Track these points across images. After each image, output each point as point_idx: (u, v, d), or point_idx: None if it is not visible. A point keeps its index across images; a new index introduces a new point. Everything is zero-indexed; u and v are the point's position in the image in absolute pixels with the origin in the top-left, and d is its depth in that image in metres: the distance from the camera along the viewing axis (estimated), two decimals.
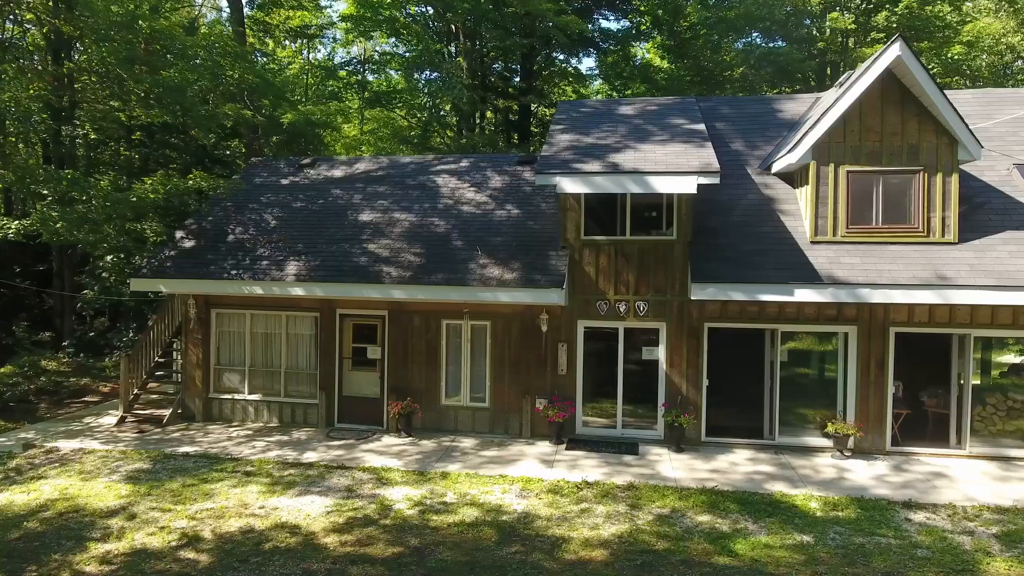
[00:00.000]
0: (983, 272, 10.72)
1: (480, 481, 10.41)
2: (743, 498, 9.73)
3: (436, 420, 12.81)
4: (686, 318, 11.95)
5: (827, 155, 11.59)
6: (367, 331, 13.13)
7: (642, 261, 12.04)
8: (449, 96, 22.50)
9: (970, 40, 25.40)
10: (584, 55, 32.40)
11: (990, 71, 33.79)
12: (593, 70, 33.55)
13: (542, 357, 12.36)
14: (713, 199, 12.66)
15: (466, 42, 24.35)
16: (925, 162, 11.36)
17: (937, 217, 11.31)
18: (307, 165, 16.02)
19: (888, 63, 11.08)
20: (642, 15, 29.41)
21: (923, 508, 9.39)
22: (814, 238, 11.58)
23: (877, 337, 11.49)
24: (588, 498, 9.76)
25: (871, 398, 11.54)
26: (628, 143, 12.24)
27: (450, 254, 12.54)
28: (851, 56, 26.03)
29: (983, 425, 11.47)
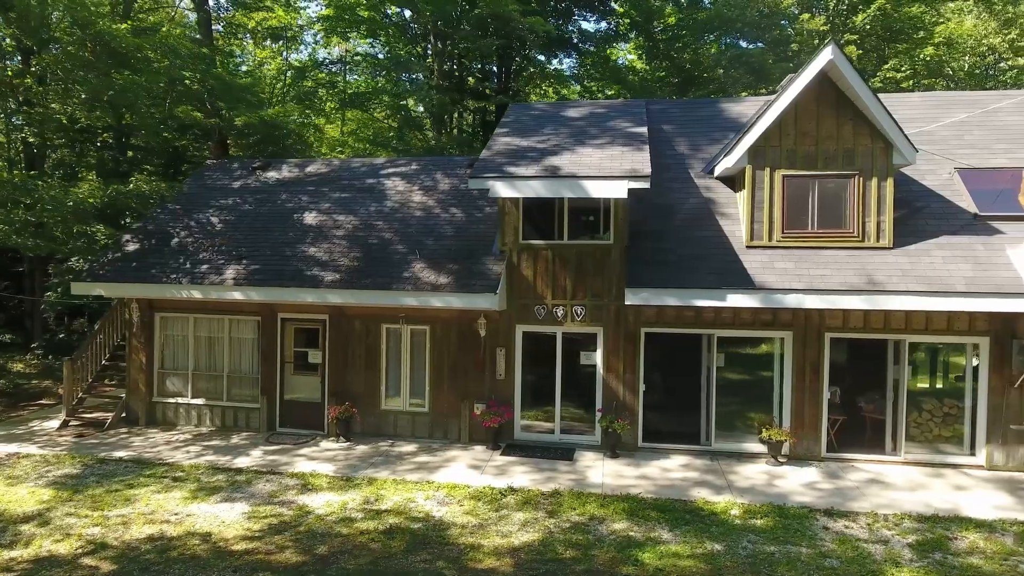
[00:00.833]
0: (915, 278, 10.64)
1: (406, 487, 10.35)
2: (665, 505, 9.66)
3: (376, 425, 12.76)
4: (623, 323, 11.88)
5: (763, 159, 11.52)
6: (309, 335, 13.08)
7: (580, 265, 11.98)
8: (416, 97, 22.41)
9: (942, 41, 25.19)
10: (565, 56, 32.37)
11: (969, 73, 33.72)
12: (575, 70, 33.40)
13: (480, 362, 12.30)
14: (655, 203, 12.59)
15: (436, 43, 24.27)
16: (860, 166, 11.28)
17: (872, 222, 11.22)
18: (260, 168, 15.98)
19: (821, 67, 11.01)
20: (619, 17, 29.33)
21: (845, 516, 9.31)
22: (750, 243, 11.50)
23: (812, 342, 11.41)
24: (509, 505, 9.70)
25: (806, 404, 11.47)
26: (567, 147, 12.18)
27: (389, 258, 12.49)
28: None
29: (920, 431, 11.39)
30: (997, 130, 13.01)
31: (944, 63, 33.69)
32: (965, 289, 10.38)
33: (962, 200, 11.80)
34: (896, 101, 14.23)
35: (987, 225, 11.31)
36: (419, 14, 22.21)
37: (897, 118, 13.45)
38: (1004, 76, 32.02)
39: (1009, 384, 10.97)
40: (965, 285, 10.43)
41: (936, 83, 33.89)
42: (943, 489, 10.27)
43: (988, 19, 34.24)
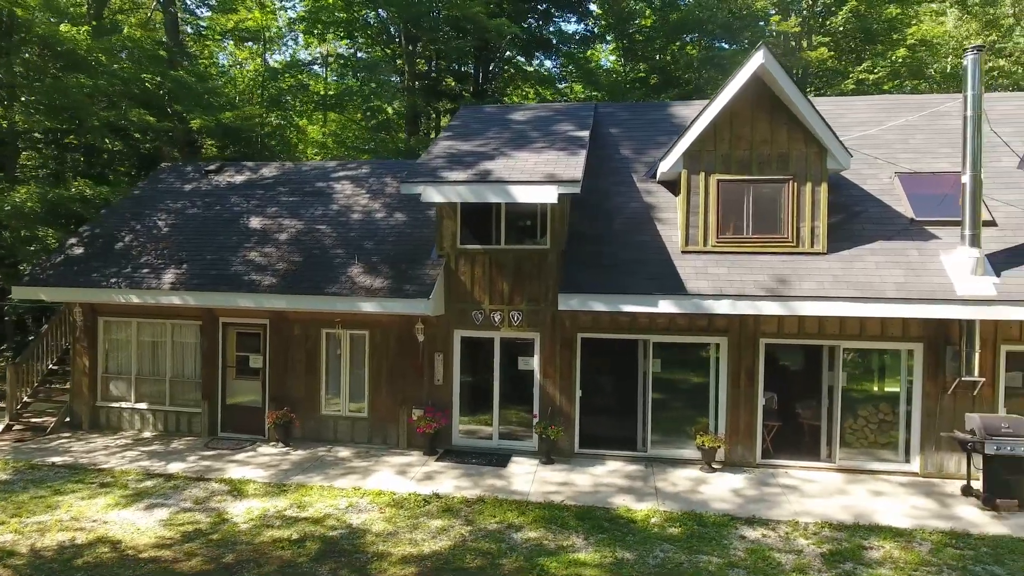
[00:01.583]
0: (846, 284, 10.56)
1: (332, 494, 10.30)
2: (586, 513, 9.60)
3: (316, 430, 12.72)
4: (559, 328, 11.82)
5: (698, 164, 11.45)
6: (251, 339, 13.04)
7: (517, 270, 11.92)
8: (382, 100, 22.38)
9: (915, 43, 25.07)
10: (546, 57, 32.27)
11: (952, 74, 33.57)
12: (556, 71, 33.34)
13: (419, 367, 12.25)
14: (597, 207, 12.53)
15: (408, 45, 24.21)
16: (795, 171, 11.21)
17: (806, 227, 11.15)
18: (214, 171, 15.94)
19: (753, 71, 10.94)
20: (596, 19, 29.26)
21: (764, 524, 9.24)
22: (685, 248, 11.43)
23: (747, 348, 11.34)
24: (430, 512, 9.65)
25: (741, 410, 11.40)
26: (506, 151, 12.12)
27: (328, 263, 12.44)
28: (799, 60, 25.82)
29: (855, 438, 11.32)
30: (942, 134, 12.92)
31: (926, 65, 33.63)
32: (895, 295, 10.31)
33: (901, 205, 11.71)
34: (842, 105, 14.18)
35: (923, 230, 11.23)
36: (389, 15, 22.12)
37: (845, 122, 13.47)
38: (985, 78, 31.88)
39: (942, 390, 10.90)
40: (895, 291, 10.35)
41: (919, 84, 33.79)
42: (871, 497, 10.19)
43: (969, 20, 34.16)
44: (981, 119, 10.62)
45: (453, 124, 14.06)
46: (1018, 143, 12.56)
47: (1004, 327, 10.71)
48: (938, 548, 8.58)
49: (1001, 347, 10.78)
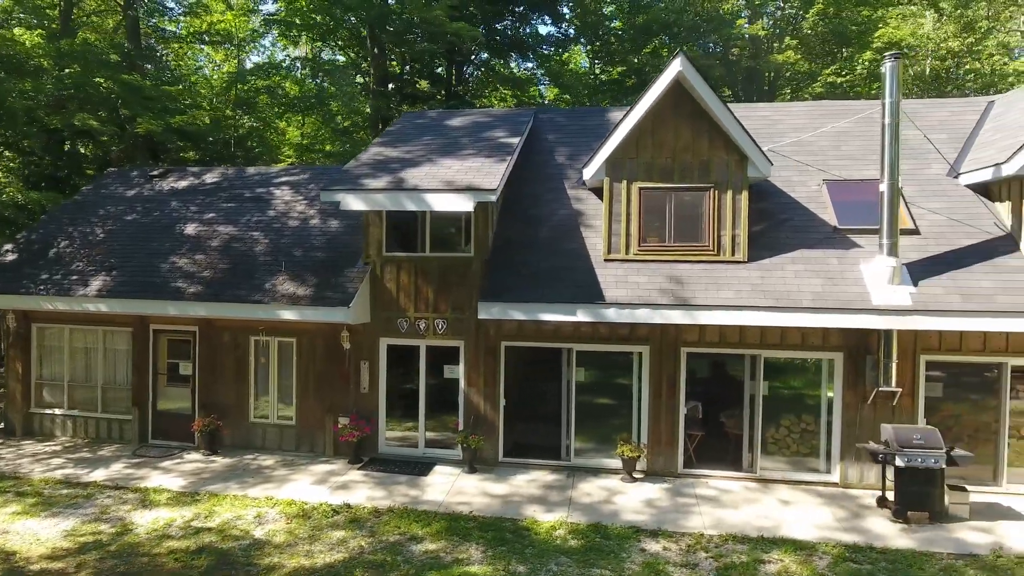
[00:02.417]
0: (764, 293, 10.49)
1: (243, 503, 10.25)
2: (492, 524, 9.54)
3: (245, 437, 12.67)
4: (483, 336, 11.75)
5: (620, 171, 11.38)
6: (181, 347, 12.99)
7: (441, 278, 11.85)
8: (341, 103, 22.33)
9: (881, 46, 24.94)
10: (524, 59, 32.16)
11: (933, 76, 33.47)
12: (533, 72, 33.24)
13: (345, 375, 12.19)
14: (526, 213, 12.47)
15: (372, 48, 24.15)
16: (716, 179, 11.13)
17: (727, 235, 11.07)
18: (158, 176, 15.91)
19: (671, 78, 10.86)
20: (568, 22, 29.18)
21: (669, 537, 9.17)
22: (608, 256, 11.36)
23: (669, 357, 11.26)
24: (337, 523, 9.60)
25: (663, 419, 11.32)
26: (433, 158, 12.06)
27: (256, 270, 12.39)
28: (768, 63, 25.72)
29: (777, 447, 11.23)
30: (875, 140, 12.79)
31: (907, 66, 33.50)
32: (811, 305, 10.23)
33: (826, 212, 11.63)
34: (781, 111, 14.10)
35: (846, 239, 11.14)
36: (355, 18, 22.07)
37: (781, 128, 13.40)
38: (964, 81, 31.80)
39: (862, 400, 10.81)
40: (812, 300, 10.27)
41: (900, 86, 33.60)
42: (785, 508, 10.11)
43: (947, 22, 34.06)
44: (899, 126, 10.53)
45: (389, 130, 14.01)
46: (950, 150, 12.47)
47: (924, 337, 10.62)
48: (836, 562, 8.51)
49: (921, 357, 10.69)
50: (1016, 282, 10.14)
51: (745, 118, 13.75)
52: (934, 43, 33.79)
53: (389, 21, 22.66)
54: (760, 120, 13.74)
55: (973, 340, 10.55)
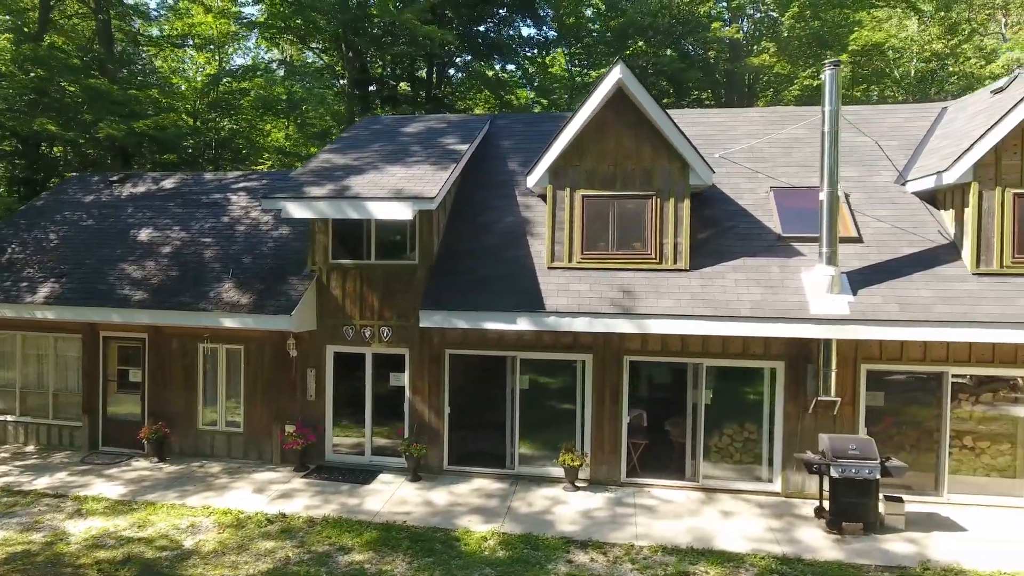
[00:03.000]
0: (703, 301, 10.44)
1: (179, 512, 10.22)
2: (424, 535, 9.50)
3: (193, 445, 12.65)
4: (428, 344, 11.72)
5: (563, 179, 11.33)
6: (131, 353, 12.97)
7: (387, 286, 11.82)
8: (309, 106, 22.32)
9: (856, 49, 24.87)
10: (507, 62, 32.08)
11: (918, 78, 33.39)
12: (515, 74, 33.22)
13: (292, 382, 12.16)
14: (473, 220, 12.43)
15: (347, 51, 24.13)
16: (658, 187, 11.08)
17: (669, 244, 11.02)
18: (117, 181, 15.89)
19: (610, 87, 10.82)
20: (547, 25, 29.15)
21: (599, 548, 9.12)
22: (551, 264, 11.32)
23: (612, 366, 11.22)
24: (269, 533, 9.57)
25: (606, 428, 11.28)
26: (379, 165, 12.03)
27: (204, 277, 12.37)
28: (745, 66, 25.64)
29: (720, 456, 11.18)
30: None
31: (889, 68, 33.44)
32: (750, 314, 10.18)
33: (772, 220, 11.58)
34: (735, 116, 14.04)
35: (789, 247, 11.09)
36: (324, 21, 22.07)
37: (735, 134, 13.36)
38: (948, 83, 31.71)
39: (803, 410, 10.76)
40: (750, 310, 10.23)
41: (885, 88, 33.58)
42: (722, 518, 10.07)
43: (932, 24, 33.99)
44: (838, 134, 10.47)
45: (343, 136, 13.98)
46: (900, 157, 12.41)
47: (864, 346, 10.57)
48: (762, 574, 8.47)
49: (862, 366, 10.64)
50: (955, 291, 10.08)
51: (699, 124, 13.79)
52: (919, 45, 33.76)
53: (361, 25, 22.63)
54: (714, 126, 13.70)
55: (913, 349, 10.49)
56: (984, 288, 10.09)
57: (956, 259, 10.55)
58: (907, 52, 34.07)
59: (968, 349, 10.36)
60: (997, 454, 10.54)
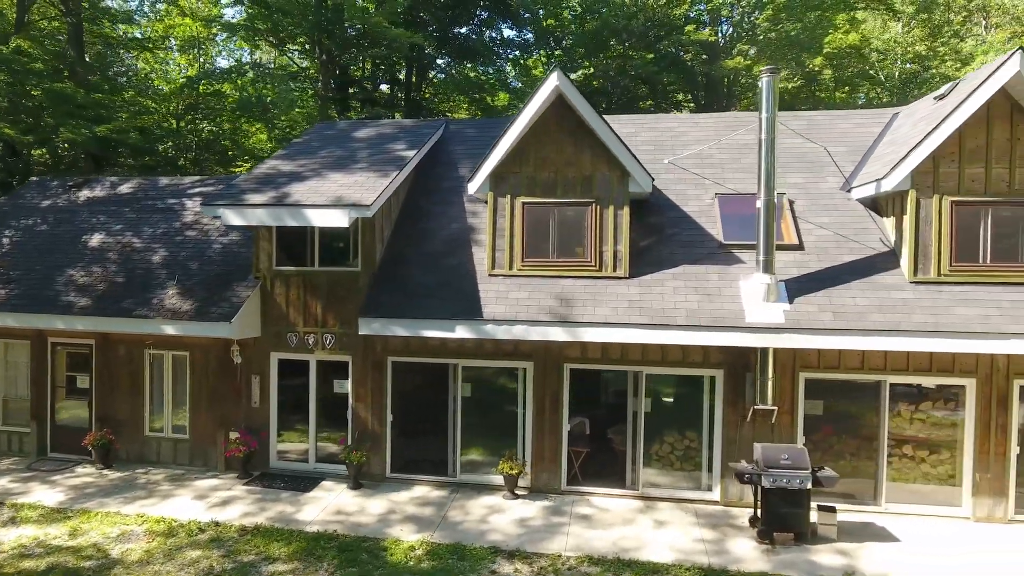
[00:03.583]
0: (640, 309, 10.39)
1: (113, 520, 10.20)
2: (352, 544, 9.46)
3: (140, 451, 12.63)
4: (370, 351, 11.68)
5: (504, 185, 11.29)
6: (80, 359, 12.95)
7: (330, 293, 11.78)
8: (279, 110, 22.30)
9: (830, 52, 24.79)
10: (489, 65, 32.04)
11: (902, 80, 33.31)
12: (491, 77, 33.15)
13: (237, 389, 12.14)
14: (420, 226, 12.39)
15: (320, 54, 24.09)
16: (598, 194, 11.03)
17: (609, 251, 10.97)
18: (75, 186, 15.87)
19: (547, 94, 10.77)
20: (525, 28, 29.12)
21: (525, 558, 9.08)
22: (492, 271, 11.27)
23: (552, 373, 11.18)
24: (198, 542, 9.54)
25: (547, 436, 11.24)
26: (323, 171, 12.00)
27: (149, 283, 12.35)
28: (720, 69, 25.55)
29: (661, 464, 11.14)
30: (779, 152, 12.65)
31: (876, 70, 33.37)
32: (685, 322, 10.13)
33: (715, 227, 11.52)
34: (687, 122, 13.99)
35: (730, 254, 11.04)
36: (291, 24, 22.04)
37: (686, 140, 13.33)
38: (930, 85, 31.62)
39: (742, 418, 10.71)
40: (686, 318, 10.17)
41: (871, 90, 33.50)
42: (656, 527, 10.02)
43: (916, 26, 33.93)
44: (774, 142, 10.41)
45: (295, 141, 13.95)
46: (849, 163, 12.35)
47: (802, 354, 10.52)
48: None
49: (800, 374, 10.59)
50: (891, 300, 10.03)
51: (652, 129, 13.75)
52: (903, 47, 33.69)
53: (333, 28, 22.59)
54: (666, 131, 13.65)
55: (851, 358, 10.44)
56: (920, 297, 10.03)
57: (895, 267, 10.50)
58: (891, 54, 34.03)
59: (906, 358, 10.31)
60: (937, 463, 10.49)
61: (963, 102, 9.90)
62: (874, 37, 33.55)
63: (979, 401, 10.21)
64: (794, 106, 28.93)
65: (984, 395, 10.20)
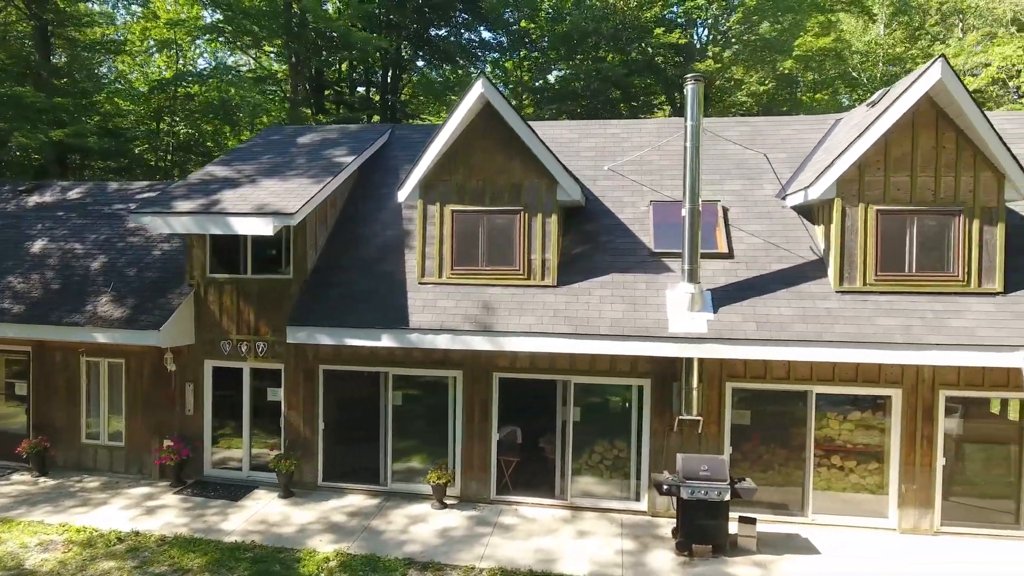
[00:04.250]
0: (565, 318, 10.32)
1: (34, 530, 10.15)
2: (267, 556, 9.41)
3: (77, 459, 12.59)
4: (302, 359, 11.63)
5: (433, 193, 11.23)
6: (20, 366, 12.92)
7: (262, 300, 11.73)
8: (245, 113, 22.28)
9: (800, 55, 24.69)
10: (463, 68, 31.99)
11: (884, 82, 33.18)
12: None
13: (171, 397, 12.10)
14: (356, 233, 12.34)
15: (290, 56, 24.06)
16: (526, 202, 10.97)
17: (538, 259, 10.91)
18: (27, 191, 15.83)
19: (473, 101, 10.70)
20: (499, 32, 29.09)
21: (438, 569, 9.03)
22: (422, 279, 11.21)
23: (481, 382, 11.12)
24: (114, 553, 9.49)
25: (476, 445, 11.19)
26: (258, 178, 11.95)
27: (85, 290, 12.31)
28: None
29: (591, 474, 11.07)
30: (716, 159, 12.61)
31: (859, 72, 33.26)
32: (609, 331, 10.06)
33: (647, 235, 11.45)
34: (629, 127, 13.89)
35: (660, 262, 10.96)
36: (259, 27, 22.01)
37: (627, 146, 13.24)
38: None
39: (669, 428, 10.64)
40: (610, 327, 10.11)
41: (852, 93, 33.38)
42: (577, 538, 9.96)
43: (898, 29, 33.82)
44: (699, 150, 10.33)
45: (238, 147, 13.91)
46: (787, 170, 12.27)
47: (729, 364, 10.44)
48: None
49: (727, 384, 10.52)
50: (815, 309, 9.95)
51: (596, 135, 13.69)
52: (883, 49, 33.57)
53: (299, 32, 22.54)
54: (610, 137, 13.57)
55: (777, 368, 10.36)
56: (844, 306, 9.95)
57: (823, 276, 10.42)
58: (872, 56, 33.91)
59: (832, 368, 10.23)
60: (864, 474, 10.41)
61: (886, 110, 9.82)
62: (855, 39, 33.48)
63: (905, 412, 10.13)
64: (772, 109, 28.92)
65: (910, 406, 10.12)
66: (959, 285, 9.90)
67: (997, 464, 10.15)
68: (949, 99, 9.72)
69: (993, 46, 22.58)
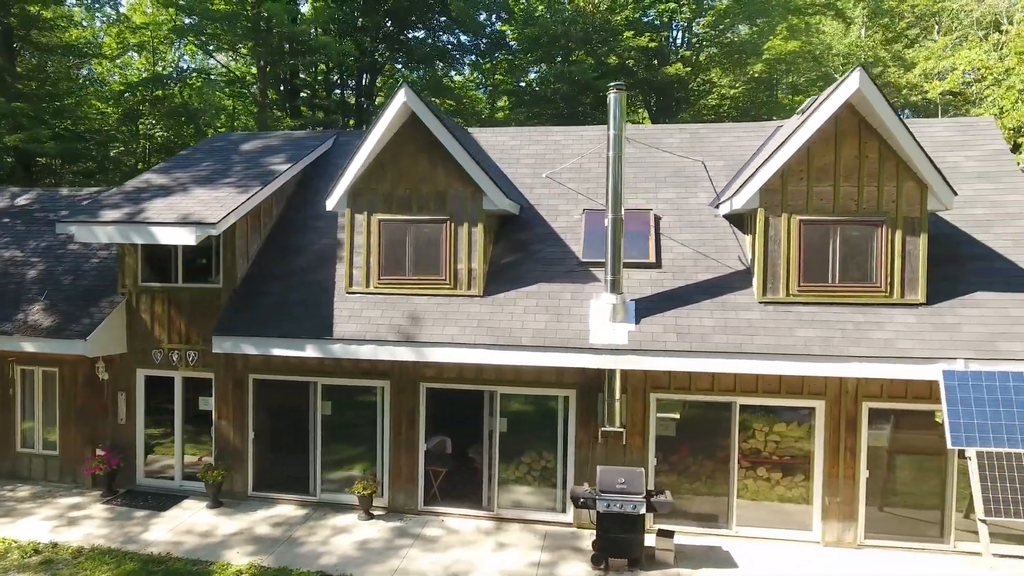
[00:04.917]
0: (488, 329, 10.25)
1: None
2: (181, 569, 9.36)
3: (12, 468, 12.55)
4: (232, 368, 11.58)
5: (361, 202, 11.15)
6: None
7: (193, 309, 11.68)
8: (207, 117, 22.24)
9: (771, 58, 24.57)
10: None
11: None
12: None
13: (104, 405, 12.06)
14: (289, 242, 12.28)
15: (259, 61, 24.02)
16: (452, 211, 10.89)
17: (464, 268, 10.83)
18: None
19: (396, 109, 10.63)
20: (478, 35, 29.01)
21: None
22: (349, 289, 11.15)
23: (408, 392, 11.06)
24: (28, 565, 9.45)
25: (403, 455, 11.12)
26: (191, 186, 11.89)
27: (18, 298, 12.27)
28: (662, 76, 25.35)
29: (518, 485, 10.99)
30: (655, 167, 12.54)
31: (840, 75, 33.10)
32: (531, 342, 9.99)
33: (578, 244, 11.36)
34: (572, 134, 13.80)
35: (587, 272, 10.88)
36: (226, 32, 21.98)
37: (567, 153, 13.16)
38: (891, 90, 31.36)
39: (594, 439, 10.56)
40: (532, 338, 10.03)
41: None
42: (493, 549, 9.89)
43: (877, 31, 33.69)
44: (621, 159, 10.26)
45: (181, 154, 13.85)
46: (724, 178, 12.18)
47: (653, 375, 10.36)
48: None
49: (651, 395, 10.43)
50: (737, 320, 9.86)
51: (538, 142, 13.63)
52: (864, 51, 33.43)
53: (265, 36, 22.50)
54: (551, 144, 13.49)
55: (701, 379, 10.27)
56: (766, 317, 9.86)
57: (748, 287, 10.33)
58: (853, 58, 33.77)
59: (755, 380, 10.14)
60: (790, 486, 10.31)
61: (807, 119, 9.74)
62: (835, 41, 33.36)
63: (828, 423, 10.04)
64: (750, 112, 28.80)
65: (834, 417, 10.03)
66: (882, 296, 9.81)
67: (923, 477, 10.05)
68: (870, 109, 9.63)
69: (960, 50, 22.42)
